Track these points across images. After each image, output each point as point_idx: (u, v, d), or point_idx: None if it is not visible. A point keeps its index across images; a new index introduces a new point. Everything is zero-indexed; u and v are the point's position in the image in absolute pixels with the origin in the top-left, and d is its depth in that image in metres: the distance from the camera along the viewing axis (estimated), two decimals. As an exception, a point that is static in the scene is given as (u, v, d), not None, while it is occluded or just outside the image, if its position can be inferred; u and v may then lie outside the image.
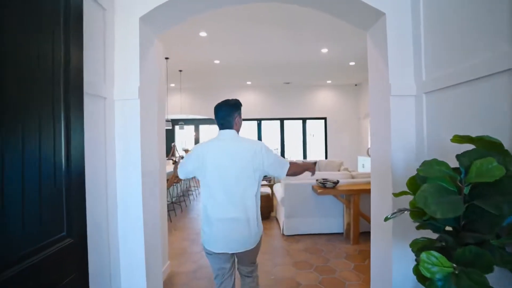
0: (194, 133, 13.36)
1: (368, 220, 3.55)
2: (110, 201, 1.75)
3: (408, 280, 1.71)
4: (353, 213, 3.48)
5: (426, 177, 1.02)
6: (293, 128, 10.08)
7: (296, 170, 1.70)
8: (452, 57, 1.43)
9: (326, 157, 9.51)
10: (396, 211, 1.21)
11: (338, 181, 3.58)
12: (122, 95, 1.79)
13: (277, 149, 11.14)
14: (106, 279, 1.71)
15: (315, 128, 10.22)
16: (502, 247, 0.92)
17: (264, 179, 6.74)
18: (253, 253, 1.68)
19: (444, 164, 1.02)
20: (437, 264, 0.87)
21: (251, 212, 1.56)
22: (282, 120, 9.73)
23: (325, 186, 3.54)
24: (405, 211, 1.15)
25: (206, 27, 4.67)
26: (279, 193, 4.16)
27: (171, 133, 12.33)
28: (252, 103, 9.58)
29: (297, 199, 3.87)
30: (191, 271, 2.90)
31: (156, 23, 1.99)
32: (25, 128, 1.00)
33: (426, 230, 1.20)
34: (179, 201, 5.85)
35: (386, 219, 1.21)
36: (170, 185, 4.85)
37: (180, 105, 9.29)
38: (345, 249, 3.41)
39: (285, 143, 9.84)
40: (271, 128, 10.03)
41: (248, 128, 10.54)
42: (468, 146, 1.05)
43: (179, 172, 1.69)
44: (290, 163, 1.66)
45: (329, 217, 3.92)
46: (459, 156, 1.06)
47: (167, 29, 2.16)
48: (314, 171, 1.90)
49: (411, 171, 1.74)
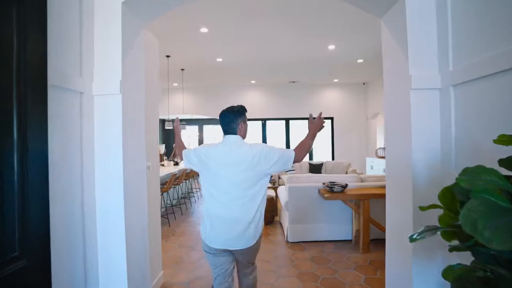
0: (198, 134, 13.20)
1: (380, 228, 3.29)
2: (88, 208, 1.54)
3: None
4: (363, 220, 3.22)
5: (470, 190, 0.77)
6: (299, 128, 9.80)
7: (303, 150, 1.69)
8: (491, 39, 1.17)
9: (333, 158, 9.22)
10: (425, 230, 0.96)
11: (347, 185, 3.33)
12: (102, 90, 1.57)
13: (283, 150, 10.95)
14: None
15: (322, 129, 9.94)
16: None
17: (270, 181, 6.50)
18: (252, 253, 1.72)
19: (494, 173, 0.78)
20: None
21: (252, 213, 1.59)
22: (288, 120, 9.48)
23: (333, 190, 3.29)
24: (437, 231, 0.91)
25: (207, 23, 4.46)
26: (283, 197, 3.92)
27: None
28: (257, 103, 9.36)
29: (302, 204, 3.63)
30: (186, 282, 2.68)
31: (142, 10, 1.77)
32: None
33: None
34: (179, 204, 5.65)
35: (412, 240, 0.96)
36: (169, 188, 4.65)
37: (183, 105, 9.12)
38: (354, 259, 3.15)
39: (291, 144, 9.58)
40: (276, 128, 9.78)
41: (253, 128, 10.32)
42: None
43: (184, 156, 1.75)
44: (295, 150, 1.66)
45: (337, 223, 3.66)
46: (506, 161, 0.82)
47: (156, 17, 1.95)
48: (320, 123, 1.80)
49: (436, 178, 1.50)
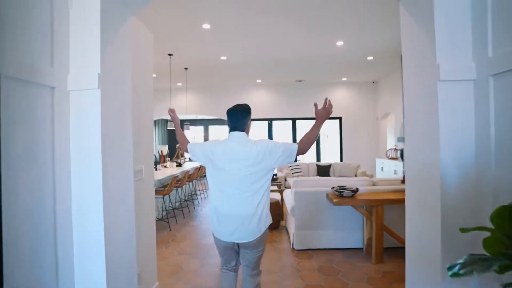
0: (204, 134, 13.06)
1: (395, 236, 3.03)
2: (61, 219, 1.34)
3: None
4: (376, 227, 2.96)
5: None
6: (306, 129, 9.51)
7: (309, 142, 1.71)
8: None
9: (341, 160, 8.93)
10: (470, 261, 0.73)
11: (358, 189, 3.08)
12: (78, 85, 1.38)
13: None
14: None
15: (330, 129, 9.65)
16: None
17: (274, 183, 6.27)
18: (257, 249, 1.74)
19: None
20: None
21: (254, 207, 1.64)
22: (294, 120, 9.23)
23: (342, 195, 3.04)
24: (492, 267, 0.67)
25: (209, 18, 4.26)
26: (289, 201, 3.69)
27: (180, 134, 12.05)
28: (263, 102, 9.14)
29: (310, 209, 3.39)
30: (184, 296, 2.48)
31: (128, -7, 1.58)
32: None
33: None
34: (181, 207, 5.46)
35: (455, 275, 0.72)
36: (170, 190, 4.47)
37: (186, 105, 8.96)
38: (366, 270, 2.90)
39: (297, 145, 9.32)
40: (283, 129, 9.54)
41: (259, 129, 10.10)
42: None
43: (189, 150, 1.82)
44: (299, 143, 1.69)
45: (346, 230, 3.41)
46: None
47: (146, 3, 1.74)
48: (326, 111, 1.77)
49: (469, 184, 1.25)
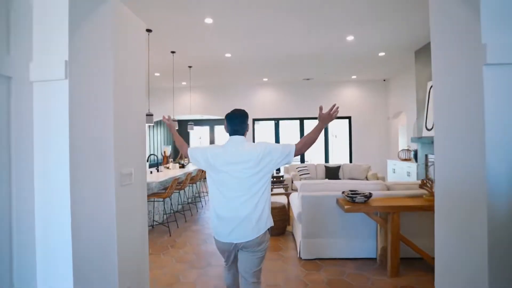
0: (209, 135, 12.87)
1: (413, 247, 2.74)
2: (21, 225, 1.13)
3: None
4: (391, 237, 2.68)
5: None
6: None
7: (307, 144, 1.73)
8: None
9: (351, 161, 8.61)
10: None
11: (371, 194, 2.80)
12: (42, 74, 1.16)
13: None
14: None
15: (339, 129, 9.34)
16: None
17: (280, 186, 6.01)
18: (254, 254, 1.72)
19: None
20: None
21: (252, 207, 1.66)
22: (302, 120, 8.94)
23: (354, 201, 2.77)
24: None
25: (212, 12, 4.04)
26: (296, 206, 3.43)
27: (186, 135, 11.91)
28: (269, 102, 8.89)
29: (318, 215, 3.12)
30: (178, 312, 2.26)
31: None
32: None
33: None
34: (183, 210, 5.25)
35: None
36: (171, 193, 4.26)
37: (190, 105, 8.78)
38: (381, 284, 2.62)
39: (305, 145, 9.03)
40: (290, 129, 9.27)
41: (265, 129, 9.85)
42: None
43: (190, 155, 1.84)
44: (297, 145, 1.72)
45: (358, 239, 3.13)
46: None
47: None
48: (329, 117, 1.73)
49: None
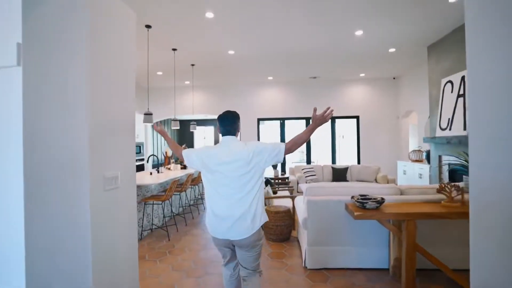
0: (214, 134, 12.70)
1: (430, 258, 2.48)
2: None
3: None
4: (407, 247, 2.43)
5: None
6: (321, 129, 8.98)
7: (296, 143, 1.78)
8: None
9: (359, 162, 8.31)
10: None
11: (384, 200, 2.55)
12: (-8, 59, 0.96)
13: (303, 152, 10.08)
14: None
15: (346, 129, 9.06)
16: None
17: (286, 188, 5.78)
18: (251, 250, 1.78)
19: None
20: None
21: (247, 205, 1.71)
22: (308, 120, 8.68)
23: (365, 207, 2.52)
24: None
25: (212, 6, 3.83)
26: (301, 211, 3.20)
27: (190, 135, 11.77)
28: (275, 101, 8.66)
29: (325, 222, 2.89)
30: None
31: None
32: None
33: None
34: (184, 213, 5.06)
35: None
36: (170, 196, 4.07)
37: (193, 104, 8.61)
38: (395, 299, 2.38)
39: (311, 145, 8.78)
40: (296, 128, 9.02)
41: (271, 129, 9.63)
42: None
43: (185, 157, 1.87)
44: (287, 144, 1.76)
45: (369, 247, 2.89)
46: None
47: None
48: (321, 120, 1.84)
49: None
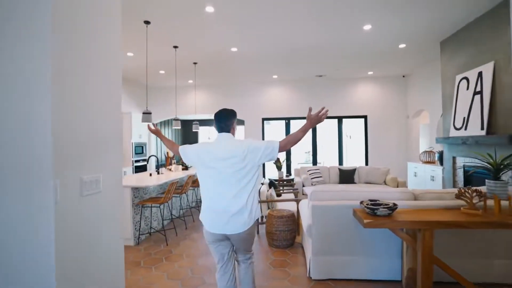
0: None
1: (448, 271, 2.23)
2: None
3: None
4: (422, 259, 2.19)
5: None
6: (327, 129, 8.74)
7: (290, 142, 1.80)
8: None
9: (367, 163, 8.03)
10: None
11: (396, 206, 2.31)
12: None
13: (309, 153, 9.82)
14: None
15: (353, 129, 8.78)
16: None
17: (291, 190, 5.55)
18: (247, 240, 1.89)
19: None
20: None
21: (244, 201, 1.77)
22: (314, 119, 8.43)
23: (376, 214, 2.29)
24: None
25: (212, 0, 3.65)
26: (305, 216, 2.98)
27: (195, 135, 11.63)
28: (279, 100, 8.43)
29: (331, 229, 2.66)
30: None
31: None
32: None
33: None
34: (184, 216, 4.88)
35: None
36: (168, 199, 3.89)
37: (195, 104, 8.44)
38: (409, 316, 2.14)
39: (317, 146, 8.52)
40: (301, 129, 8.78)
41: (276, 128, 9.41)
42: None
43: (181, 153, 1.93)
44: (281, 142, 1.81)
45: (379, 257, 2.65)
46: None
47: None
48: (316, 119, 1.83)
49: None
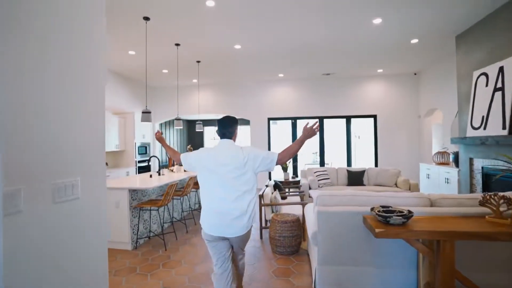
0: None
1: (470, 286, 1.98)
2: None
3: None
4: (442, 274, 1.95)
5: None
6: (335, 129, 8.46)
7: (288, 154, 1.91)
8: None
9: (376, 164, 7.74)
10: None
11: (412, 214, 2.08)
12: None
13: (316, 153, 9.56)
14: None
15: (362, 129, 8.48)
16: None
17: (296, 192, 5.33)
18: (244, 242, 2.00)
19: None
20: None
21: (245, 206, 1.85)
22: (322, 119, 8.19)
23: (388, 222, 2.06)
24: None
25: (213, -9, 3.46)
26: (311, 222, 2.77)
27: (200, 135, 11.50)
28: (286, 100, 8.21)
29: (339, 236, 2.44)
30: None
31: None
32: None
33: None
34: (185, 219, 4.71)
35: None
36: (168, 201, 3.73)
37: (198, 104, 8.30)
38: (427, 338, 1.91)
39: (325, 147, 8.26)
40: (308, 129, 8.53)
41: (282, 128, 9.20)
42: None
43: (183, 160, 2.01)
44: (280, 154, 1.91)
45: (393, 268, 2.41)
46: None
47: None
48: (311, 133, 1.94)
49: None
